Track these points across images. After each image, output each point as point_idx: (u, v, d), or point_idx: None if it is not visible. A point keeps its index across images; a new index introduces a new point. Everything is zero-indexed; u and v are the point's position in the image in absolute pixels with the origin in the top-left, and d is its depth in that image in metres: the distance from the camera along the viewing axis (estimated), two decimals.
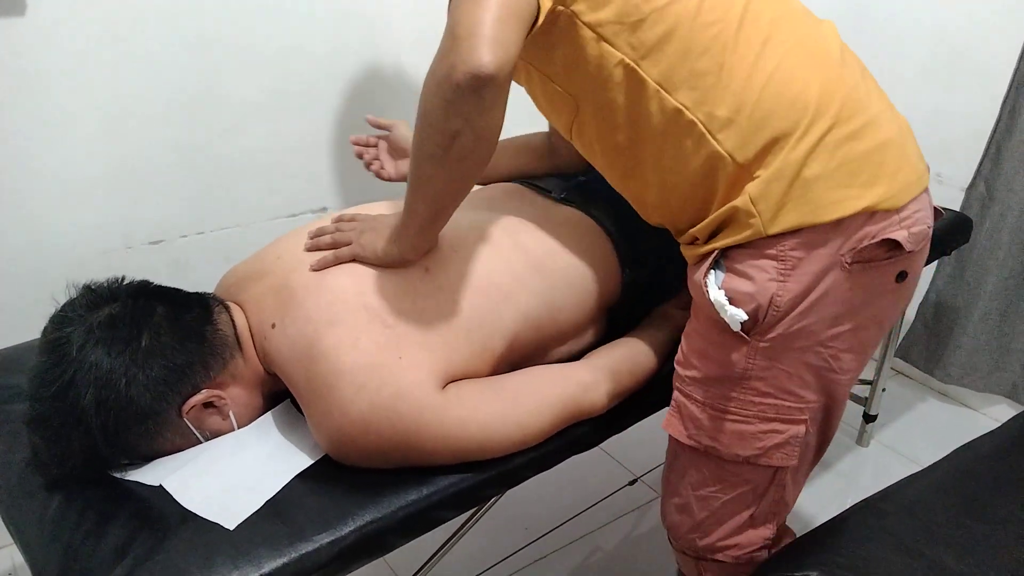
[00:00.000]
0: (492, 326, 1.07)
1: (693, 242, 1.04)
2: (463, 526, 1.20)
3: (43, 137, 1.43)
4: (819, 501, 1.87)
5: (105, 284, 1.01)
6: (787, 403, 1.02)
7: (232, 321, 1.06)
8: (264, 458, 1.01)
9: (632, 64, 0.95)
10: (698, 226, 1.01)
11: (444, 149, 0.90)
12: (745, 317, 0.96)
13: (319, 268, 1.05)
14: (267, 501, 0.95)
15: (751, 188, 0.94)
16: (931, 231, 1.02)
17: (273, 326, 1.03)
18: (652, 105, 0.96)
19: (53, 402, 0.94)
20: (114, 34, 1.44)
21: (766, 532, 1.12)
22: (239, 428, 1.05)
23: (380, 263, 1.04)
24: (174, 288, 1.06)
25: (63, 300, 1.00)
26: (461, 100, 0.86)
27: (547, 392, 1.06)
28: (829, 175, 0.93)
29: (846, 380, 1.04)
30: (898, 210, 0.96)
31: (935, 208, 1.08)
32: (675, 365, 1.09)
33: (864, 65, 1.05)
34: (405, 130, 1.36)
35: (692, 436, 1.07)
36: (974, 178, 1.99)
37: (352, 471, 0.99)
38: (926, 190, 1.01)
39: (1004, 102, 1.89)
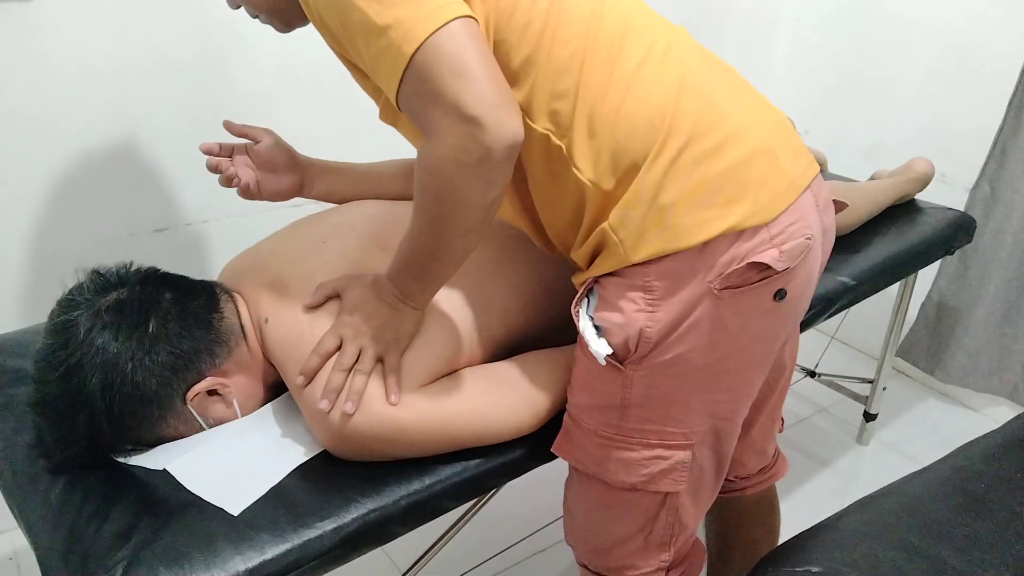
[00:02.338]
0: (482, 305, 1.07)
1: (576, 270, 1.01)
2: (463, 516, 1.20)
3: (49, 123, 1.43)
4: (819, 499, 1.87)
5: (114, 269, 1.01)
6: (669, 429, 0.98)
7: (237, 310, 1.06)
8: (268, 445, 1.01)
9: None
10: (577, 252, 0.98)
11: (483, 219, 0.89)
12: (608, 351, 0.93)
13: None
14: (271, 488, 0.95)
15: (612, 215, 0.91)
16: (815, 241, 0.95)
17: (266, 320, 1.04)
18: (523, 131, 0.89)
19: (59, 385, 0.94)
20: (120, 20, 1.44)
21: (662, 555, 1.08)
22: (242, 416, 1.05)
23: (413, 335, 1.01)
24: (182, 275, 1.06)
25: (71, 284, 1.00)
26: (501, 171, 0.85)
27: (539, 376, 1.06)
28: (687, 197, 0.88)
29: (732, 400, 1.01)
30: (767, 225, 0.90)
31: (836, 202, 1.04)
32: (566, 390, 1.06)
33: (728, 67, 1.00)
34: (274, 141, 1.19)
35: (579, 461, 1.04)
36: (979, 178, 1.99)
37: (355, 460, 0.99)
38: (807, 189, 0.95)
39: (1009, 103, 1.89)
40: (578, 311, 0.96)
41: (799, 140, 0.99)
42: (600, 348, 0.93)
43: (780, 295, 0.94)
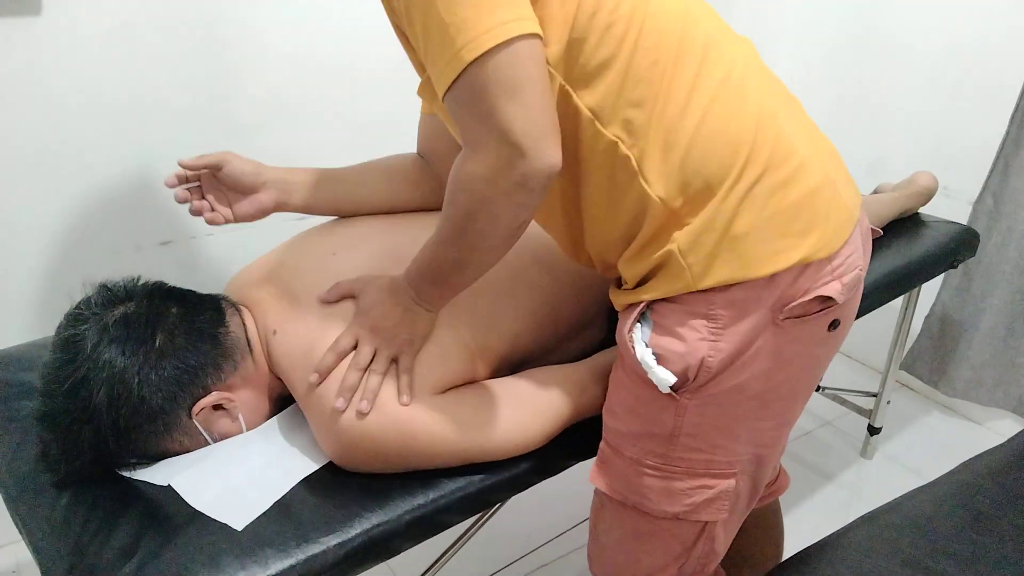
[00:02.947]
0: (492, 326, 1.07)
1: (620, 285, 0.99)
2: (467, 531, 1.20)
3: (56, 136, 1.44)
4: (823, 513, 1.86)
5: (121, 283, 1.02)
6: (717, 458, 0.97)
7: (243, 324, 1.06)
8: (272, 460, 1.02)
9: (568, 89, 0.88)
10: (627, 269, 0.95)
11: (510, 238, 0.89)
12: (674, 380, 0.91)
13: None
14: (275, 503, 0.95)
15: (681, 238, 0.89)
16: (864, 272, 0.97)
17: (275, 333, 1.04)
18: (586, 135, 0.90)
19: (65, 399, 0.94)
20: (129, 35, 1.45)
21: None
22: (247, 431, 1.05)
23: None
24: (188, 289, 1.06)
25: (78, 298, 1.01)
26: (535, 198, 0.84)
27: (547, 393, 1.06)
28: (762, 227, 0.87)
29: (777, 427, 1.01)
30: (830, 258, 0.90)
31: (871, 228, 1.05)
32: (603, 413, 1.04)
33: (788, 91, 1.00)
34: (240, 164, 1.14)
35: (617, 491, 1.02)
36: (982, 192, 1.99)
37: (359, 474, 0.99)
38: (856, 220, 0.96)
39: (1012, 116, 1.89)
40: (632, 336, 0.94)
41: (846, 169, 1.00)
42: (665, 377, 0.91)
43: (834, 325, 0.94)
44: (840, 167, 0.97)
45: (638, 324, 0.94)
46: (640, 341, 0.93)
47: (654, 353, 0.93)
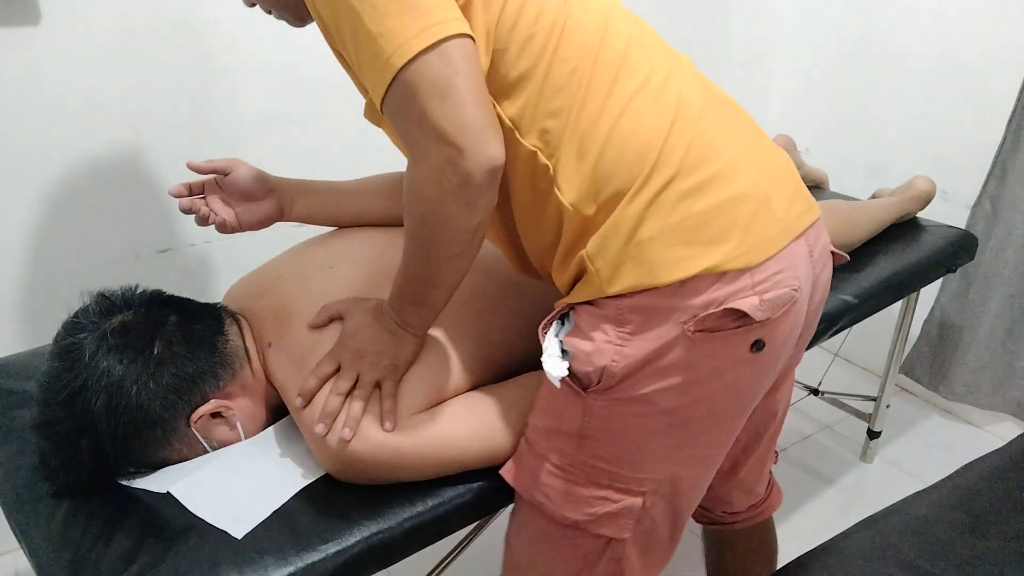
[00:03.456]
0: (483, 338, 1.07)
1: (558, 295, 0.98)
2: (467, 538, 1.20)
3: (54, 145, 1.44)
4: (823, 517, 1.86)
5: (119, 292, 1.02)
6: (623, 472, 0.93)
7: (241, 333, 1.06)
8: (271, 468, 1.02)
9: (491, 100, 0.87)
10: (558, 277, 0.95)
11: (469, 243, 0.89)
12: (563, 373, 0.90)
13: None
14: (274, 511, 0.95)
15: (590, 244, 0.88)
16: (802, 293, 0.91)
17: (270, 345, 1.05)
18: (509, 146, 0.88)
19: (63, 408, 0.94)
20: (126, 45, 1.45)
21: None
22: (246, 439, 1.06)
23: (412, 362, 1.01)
24: (187, 298, 1.07)
25: (77, 306, 1.01)
26: (483, 195, 0.84)
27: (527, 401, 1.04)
28: (668, 232, 0.85)
29: (698, 450, 0.96)
30: (751, 270, 0.86)
31: (834, 252, 1.00)
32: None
33: (731, 101, 0.98)
34: (244, 170, 1.14)
35: (526, 488, 0.99)
36: (979, 196, 1.99)
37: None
38: (801, 237, 0.91)
39: (1009, 121, 1.90)
40: (545, 332, 0.94)
41: (800, 183, 0.96)
42: (554, 369, 0.90)
43: (758, 346, 0.89)
44: (786, 180, 0.93)
45: (557, 322, 0.94)
46: (552, 336, 0.93)
47: (563, 349, 0.92)
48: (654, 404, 0.90)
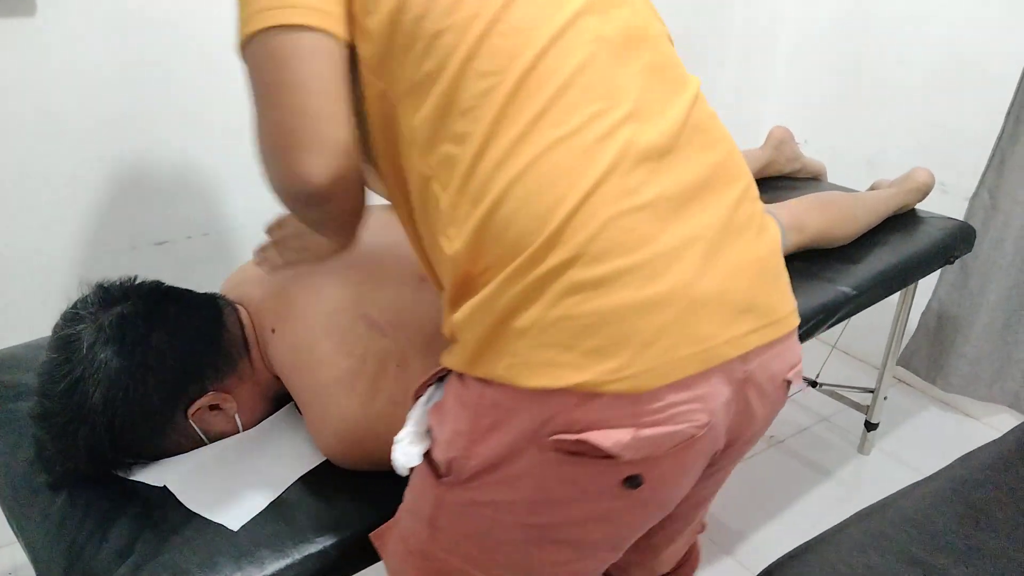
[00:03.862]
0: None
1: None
2: None
3: (50, 137, 1.44)
4: (820, 509, 1.86)
5: (118, 283, 1.02)
6: (455, 564, 0.81)
7: (240, 323, 1.06)
8: (268, 460, 1.02)
9: (391, 99, 0.74)
10: (444, 322, 0.79)
11: (314, 225, 0.85)
12: (407, 466, 0.77)
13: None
14: (271, 503, 0.95)
15: (461, 311, 0.72)
16: (712, 430, 0.73)
17: (273, 331, 1.04)
18: (405, 157, 0.76)
19: (61, 399, 0.94)
20: (122, 36, 1.45)
21: None
22: (244, 431, 1.05)
23: (329, 257, 0.98)
24: (185, 289, 1.06)
25: (75, 298, 1.01)
26: (301, 212, 0.78)
27: None
28: (544, 329, 0.68)
29: (558, 573, 0.81)
30: (635, 396, 0.68)
31: (787, 380, 0.80)
32: None
33: (727, 161, 0.77)
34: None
35: (386, 563, 0.89)
36: (978, 187, 1.99)
37: (355, 474, 0.99)
38: (734, 364, 0.72)
39: (1008, 112, 1.89)
40: (417, 399, 0.81)
41: (771, 289, 0.76)
42: (402, 456, 0.77)
43: (632, 482, 0.72)
44: (739, 288, 0.72)
45: (432, 386, 0.80)
46: (422, 407, 0.80)
47: (427, 424, 0.79)
48: (509, 515, 0.76)
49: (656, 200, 0.70)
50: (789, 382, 0.81)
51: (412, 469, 0.79)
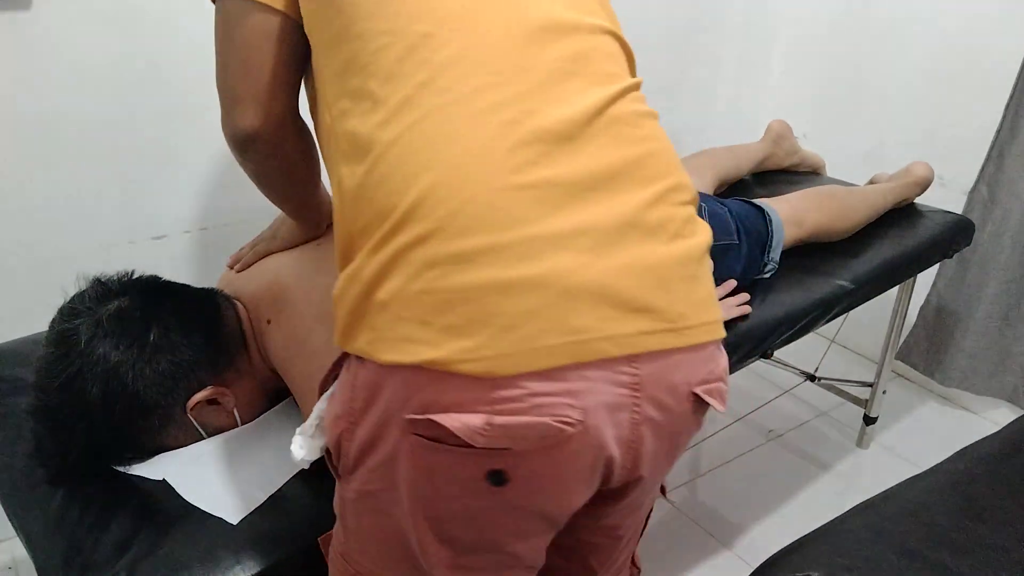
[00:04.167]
0: None
1: None
2: None
3: (46, 131, 1.43)
4: (819, 503, 1.87)
5: (115, 277, 1.02)
6: (366, 566, 0.79)
7: (238, 317, 1.06)
8: (267, 454, 1.01)
9: (315, 48, 0.79)
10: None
11: (254, 177, 0.96)
12: (312, 457, 0.76)
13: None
14: (270, 496, 0.95)
15: (340, 281, 0.71)
16: (586, 430, 0.67)
17: (268, 322, 1.04)
18: (322, 115, 0.79)
19: (59, 393, 0.94)
20: (118, 31, 1.44)
21: None
22: (242, 424, 1.05)
23: (296, 242, 1.13)
24: (183, 284, 1.06)
25: (72, 292, 1.00)
26: (241, 157, 0.91)
27: None
28: (404, 302, 0.65)
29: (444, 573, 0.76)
30: (492, 379, 0.64)
31: (695, 395, 0.73)
32: None
33: (655, 157, 0.73)
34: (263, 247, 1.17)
35: (328, 560, 0.86)
36: (977, 181, 1.99)
37: None
38: (618, 363, 0.67)
39: (1007, 106, 1.89)
40: (323, 391, 0.78)
41: (675, 295, 0.70)
42: (298, 450, 0.76)
43: (495, 478, 0.68)
44: (633, 285, 0.67)
45: (334, 378, 0.76)
46: (325, 398, 0.77)
47: (319, 417, 0.77)
48: (395, 505, 0.73)
49: (541, 183, 0.67)
50: (699, 398, 0.74)
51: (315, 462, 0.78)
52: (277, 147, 0.89)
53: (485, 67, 0.69)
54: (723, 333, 0.75)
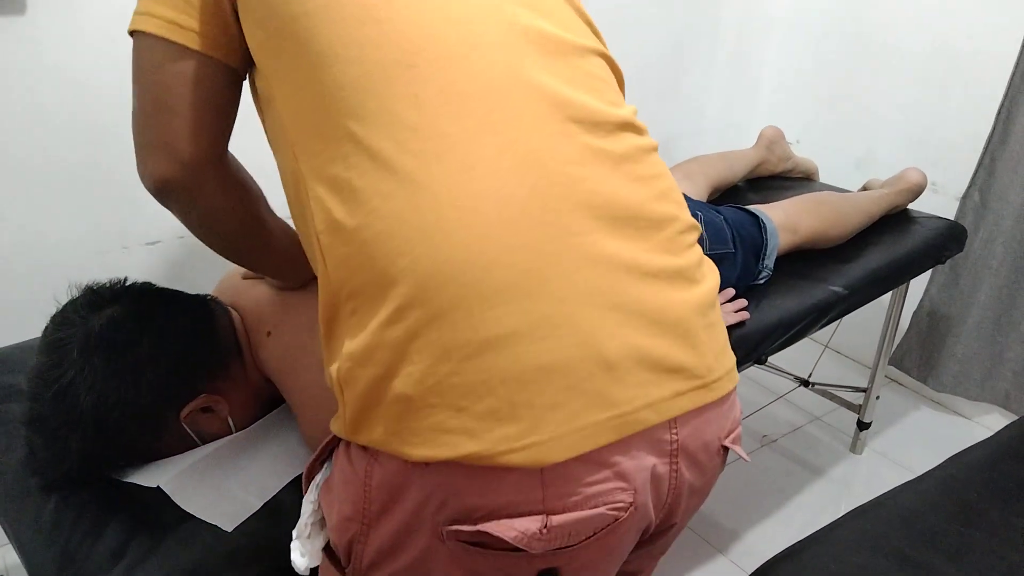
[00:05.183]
0: None
1: None
2: None
3: (40, 136, 1.43)
4: (813, 508, 1.87)
5: (107, 285, 1.01)
6: None
7: (232, 325, 1.06)
8: (262, 461, 1.01)
9: (266, 83, 0.72)
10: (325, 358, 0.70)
11: (200, 235, 0.86)
12: (315, 563, 0.69)
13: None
14: (264, 504, 0.95)
15: (341, 363, 0.62)
16: (638, 509, 0.63)
17: (268, 334, 1.04)
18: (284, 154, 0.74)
19: (52, 403, 0.93)
20: (113, 35, 1.44)
21: None
22: (236, 432, 1.05)
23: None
24: (176, 291, 1.06)
25: (64, 300, 1.00)
26: (166, 204, 0.80)
27: None
28: (430, 389, 0.58)
29: None
30: (543, 472, 0.58)
31: (724, 447, 0.70)
32: None
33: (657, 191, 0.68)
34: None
35: None
36: (968, 187, 2.00)
37: None
38: (658, 429, 0.63)
39: (998, 112, 1.90)
40: (310, 480, 0.72)
41: (701, 347, 0.66)
42: (300, 559, 0.69)
43: (548, 574, 0.63)
44: (668, 346, 0.63)
45: (325, 463, 0.71)
46: (315, 489, 0.71)
47: (316, 508, 0.70)
48: None
49: (559, 232, 0.61)
50: (726, 448, 0.71)
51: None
52: (197, 198, 0.79)
53: (477, 103, 0.65)
54: (738, 377, 0.72)
